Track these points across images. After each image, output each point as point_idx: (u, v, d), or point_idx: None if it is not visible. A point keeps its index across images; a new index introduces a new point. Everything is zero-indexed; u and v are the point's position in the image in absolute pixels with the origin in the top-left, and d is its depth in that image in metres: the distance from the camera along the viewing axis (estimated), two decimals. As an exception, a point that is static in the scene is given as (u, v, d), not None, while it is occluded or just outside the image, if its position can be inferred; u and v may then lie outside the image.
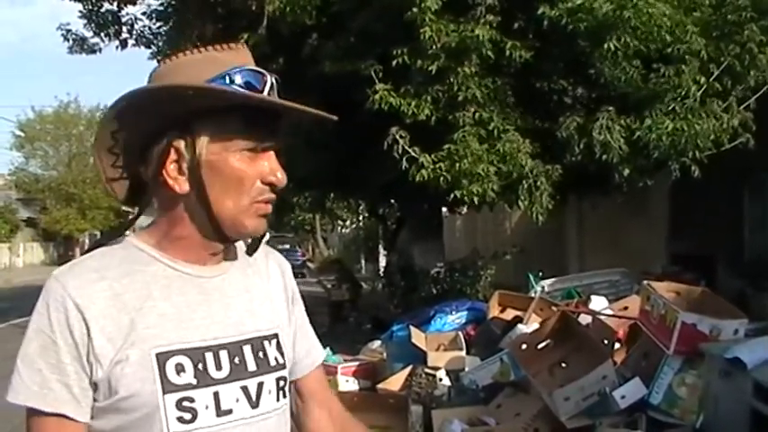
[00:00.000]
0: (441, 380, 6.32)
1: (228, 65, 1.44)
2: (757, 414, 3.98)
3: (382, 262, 21.00)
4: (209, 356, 1.45)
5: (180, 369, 1.41)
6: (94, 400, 1.40)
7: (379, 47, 8.30)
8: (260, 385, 1.51)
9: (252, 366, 1.51)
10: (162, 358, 1.41)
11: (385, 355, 7.50)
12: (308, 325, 1.82)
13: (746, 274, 9.72)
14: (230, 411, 1.46)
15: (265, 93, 1.45)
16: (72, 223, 46.56)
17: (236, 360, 1.49)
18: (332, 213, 25.92)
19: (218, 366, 1.46)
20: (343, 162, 10.05)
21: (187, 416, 1.41)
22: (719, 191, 10.23)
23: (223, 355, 1.47)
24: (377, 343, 8.15)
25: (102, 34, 12.60)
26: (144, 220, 1.62)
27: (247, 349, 1.52)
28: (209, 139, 1.44)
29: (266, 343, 1.56)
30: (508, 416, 5.04)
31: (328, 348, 7.58)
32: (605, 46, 7.57)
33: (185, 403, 1.41)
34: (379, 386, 6.52)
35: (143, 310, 1.43)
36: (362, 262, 27.52)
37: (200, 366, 1.44)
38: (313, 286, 17.40)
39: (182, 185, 1.46)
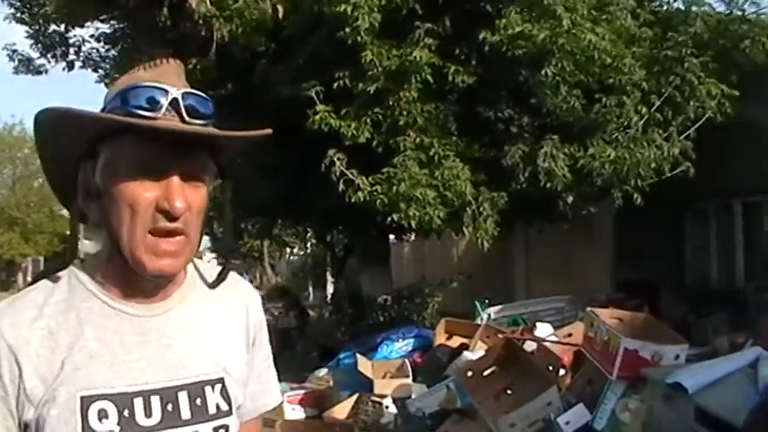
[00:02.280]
0: (387, 407, 6.32)
1: (138, 82, 1.34)
2: (698, 438, 4.04)
3: (330, 289, 20.92)
4: (137, 402, 1.34)
5: (102, 415, 1.31)
6: None
7: (327, 71, 8.32)
8: None
9: (186, 414, 1.39)
10: (86, 402, 1.31)
11: (332, 382, 7.47)
12: (269, 369, 1.66)
13: (688, 300, 9.87)
14: None
15: (162, 110, 1.30)
16: (15, 248, 45.57)
17: (170, 407, 1.37)
18: (280, 240, 25.78)
19: (148, 413, 1.35)
20: (291, 187, 10.02)
21: None
22: (662, 218, 10.40)
23: (155, 401, 1.36)
24: (324, 371, 8.13)
25: (49, 55, 12.42)
26: (92, 246, 1.53)
27: (183, 396, 1.40)
28: (105, 163, 1.34)
29: (207, 389, 1.43)
30: (454, 443, 5.04)
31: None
32: (543, 72, 7.68)
33: None
34: (326, 414, 6.49)
35: (74, 350, 1.33)
36: (310, 289, 27.36)
37: (125, 413, 1.33)
38: (260, 314, 17.16)
39: (93, 214, 1.39)
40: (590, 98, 8.12)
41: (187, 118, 1.33)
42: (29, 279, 1.53)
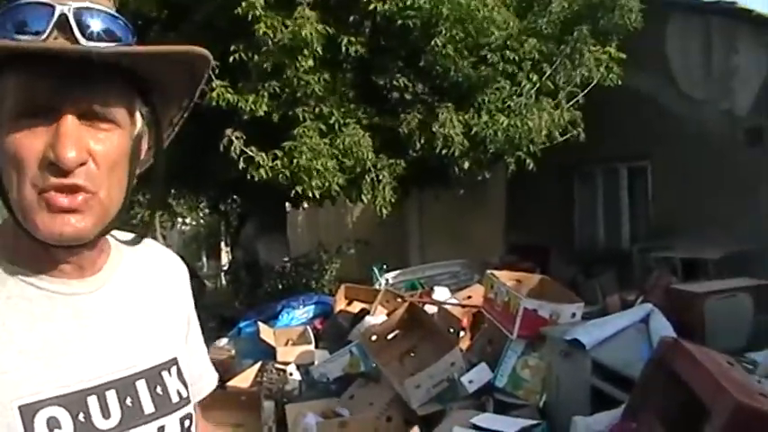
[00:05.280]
0: (291, 374, 6.36)
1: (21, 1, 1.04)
2: (596, 391, 4.24)
3: (225, 259, 20.72)
4: (92, 402, 1.09)
5: (54, 424, 1.04)
6: None
7: (221, 42, 8.19)
8: (160, 430, 1.17)
9: (149, 408, 1.15)
10: (28, 412, 1.03)
11: (233, 352, 7.44)
12: (202, 346, 1.44)
13: (577, 262, 10.23)
14: None
15: (46, 32, 1.02)
16: None
17: (129, 402, 1.13)
18: (171, 210, 25.34)
19: (106, 413, 1.10)
20: (187, 159, 9.88)
21: None
22: (552, 183, 10.71)
23: (111, 397, 1.11)
24: (224, 341, 8.07)
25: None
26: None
27: (141, 385, 1.16)
28: None
29: (165, 374, 1.20)
30: (361, 406, 5.14)
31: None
32: (432, 42, 7.80)
33: None
34: (229, 384, 6.46)
35: None
36: (204, 259, 27.03)
37: (80, 417, 1.07)
38: (153, 286, 16.90)
39: None
40: (479, 58, 8.27)
41: (81, 39, 1.03)
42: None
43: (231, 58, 7.90)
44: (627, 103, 9.26)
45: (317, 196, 8.19)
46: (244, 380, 6.42)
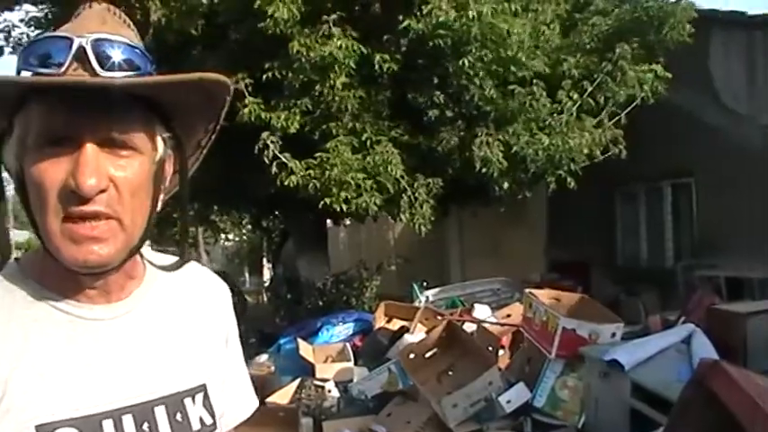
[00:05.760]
0: (330, 391, 6.36)
1: (41, 36, 1.10)
2: (635, 412, 4.18)
3: (267, 275, 20.83)
4: (107, 426, 1.11)
5: None
6: None
7: (257, 60, 8.28)
8: None
9: None
10: None
11: (273, 368, 7.47)
12: (242, 369, 1.43)
13: (619, 280, 10.14)
14: None
15: (65, 64, 1.05)
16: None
17: (145, 427, 1.15)
18: (215, 226, 25.55)
19: None
20: (225, 174, 9.97)
21: None
22: (594, 200, 10.64)
23: (127, 421, 1.13)
24: (264, 356, 8.11)
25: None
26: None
27: (160, 411, 1.17)
28: (17, 140, 1.10)
29: (188, 401, 1.21)
30: (398, 424, 5.12)
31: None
32: (461, 62, 7.80)
33: None
34: (268, 400, 6.48)
35: (20, 369, 1.07)
36: (246, 275, 27.22)
37: None
38: (196, 301, 17.09)
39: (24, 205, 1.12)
40: (506, 86, 8.24)
41: (99, 69, 1.06)
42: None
43: (264, 77, 7.98)
44: (669, 119, 9.19)
45: (344, 210, 8.20)
46: (283, 396, 6.44)
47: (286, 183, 7.91)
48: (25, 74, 1.07)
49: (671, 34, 8.33)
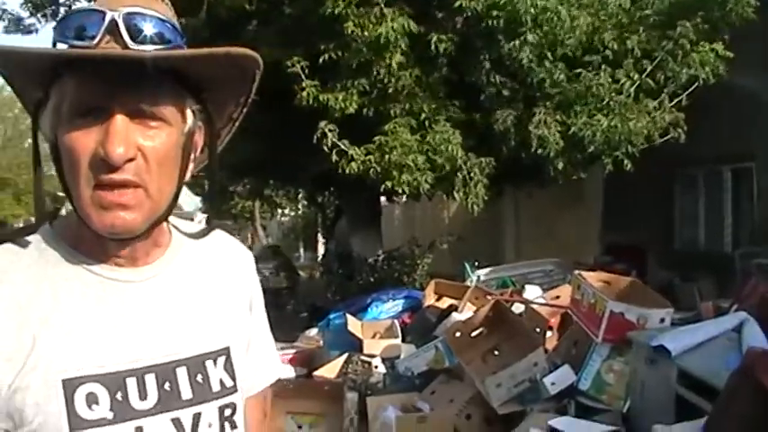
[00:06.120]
0: (376, 367, 6.39)
1: (76, 9, 1.14)
2: (681, 399, 4.11)
3: (321, 250, 21.00)
4: (131, 383, 1.16)
5: (92, 400, 1.13)
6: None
7: (312, 40, 8.29)
8: (196, 416, 1.22)
9: (187, 394, 1.21)
10: (70, 386, 1.12)
11: (322, 342, 7.53)
12: (267, 335, 1.47)
13: (675, 265, 9.97)
14: None
15: (97, 37, 1.10)
16: (6, 209, 45.39)
17: (167, 386, 1.20)
18: (271, 201, 25.79)
19: (143, 395, 1.17)
20: (280, 150, 10.02)
21: None
22: (652, 184, 10.47)
23: (149, 380, 1.18)
24: (314, 331, 8.19)
25: (39, 15, 12.29)
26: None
27: (182, 372, 1.22)
28: (52, 110, 1.15)
29: (209, 363, 1.25)
30: (442, 402, 5.12)
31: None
32: (514, 43, 7.68)
33: None
34: (316, 373, 6.55)
35: (49, 324, 1.13)
36: (301, 250, 27.49)
37: (118, 396, 1.15)
38: (251, 274, 17.36)
39: (58, 171, 1.18)
40: (572, 68, 8.11)
41: (131, 43, 1.10)
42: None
43: (321, 59, 7.98)
44: (731, 101, 8.96)
45: (405, 192, 8.20)
46: (330, 370, 6.50)
47: (347, 170, 7.94)
48: (61, 46, 1.12)
49: (735, 10, 8.07)
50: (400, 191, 8.10)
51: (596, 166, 9.16)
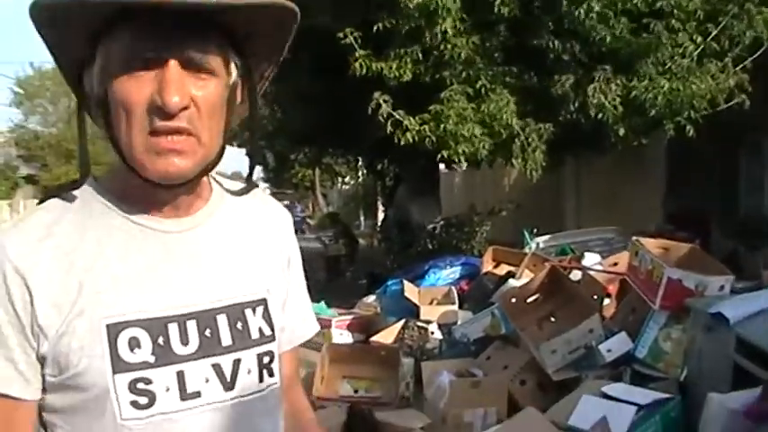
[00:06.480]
0: (433, 333, 6.43)
1: None
2: (739, 368, 4.05)
3: (381, 218, 21.08)
4: (172, 328, 1.21)
5: (134, 344, 1.17)
6: (44, 375, 1.19)
7: (364, 6, 8.25)
8: (236, 363, 1.26)
9: (227, 340, 1.25)
10: (113, 330, 1.17)
11: (379, 309, 7.59)
12: (303, 293, 1.52)
13: (740, 234, 9.77)
14: (198, 394, 1.22)
15: None
16: (72, 179, 46.46)
17: (208, 332, 1.24)
18: (331, 169, 25.93)
19: (185, 340, 1.21)
20: (337, 118, 10.04)
21: (143, 400, 1.17)
22: (715, 151, 10.25)
23: (191, 326, 1.22)
24: (372, 297, 8.26)
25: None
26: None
27: (222, 319, 1.26)
28: (101, 65, 1.17)
29: (248, 311, 1.30)
30: (496, 368, 5.13)
31: (323, 303, 7.68)
32: (583, 8, 7.56)
33: (140, 385, 1.17)
34: (372, 339, 6.62)
35: (94, 272, 1.18)
36: (361, 218, 27.60)
37: (160, 341, 1.19)
38: (312, 242, 17.54)
39: (100, 125, 1.23)
40: (639, 23, 7.95)
41: None
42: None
43: (375, 28, 7.95)
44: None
45: (463, 161, 8.16)
46: (387, 336, 6.56)
47: (402, 141, 7.94)
48: None
49: None
50: (457, 160, 8.05)
51: (659, 131, 8.99)
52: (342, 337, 7.06)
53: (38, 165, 48.71)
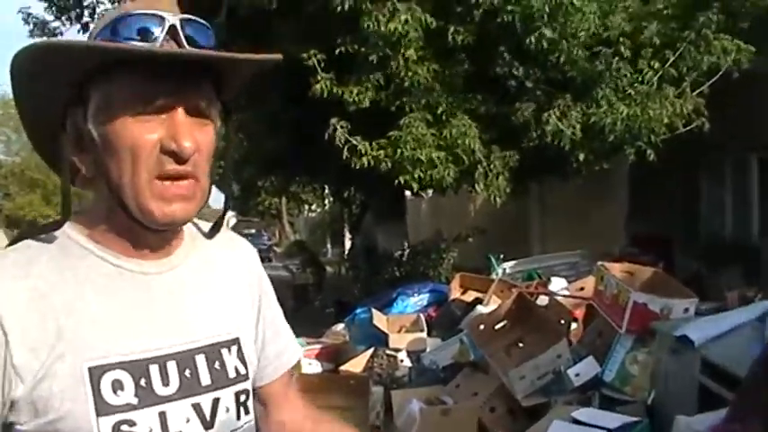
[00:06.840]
0: (402, 361, 6.43)
1: (130, 11, 1.18)
2: (705, 389, 4.10)
3: (348, 245, 21.06)
4: (153, 370, 1.21)
5: (117, 386, 1.17)
6: (13, 423, 1.16)
7: (328, 35, 8.32)
8: (215, 402, 1.28)
9: (206, 380, 1.27)
10: (96, 373, 1.16)
11: (348, 337, 7.58)
12: (282, 321, 1.57)
13: (702, 256, 9.91)
14: None
15: (160, 39, 1.16)
16: (36, 209, 45.88)
17: (187, 373, 1.25)
18: (297, 197, 25.90)
19: (166, 381, 1.22)
20: (302, 143, 10.08)
21: None
22: (677, 174, 10.41)
23: (171, 367, 1.24)
24: (340, 326, 8.23)
25: (63, 18, 12.39)
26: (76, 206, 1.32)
27: (201, 359, 1.28)
28: (99, 106, 1.18)
29: (224, 351, 1.32)
30: (466, 395, 5.15)
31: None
32: (528, 39, 7.70)
33: (124, 427, 1.17)
34: (342, 368, 6.59)
35: (74, 314, 1.17)
36: (329, 246, 27.56)
37: (142, 382, 1.20)
38: (279, 270, 17.47)
39: (87, 167, 1.23)
40: (590, 50, 8.09)
41: (186, 45, 1.18)
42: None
43: (337, 51, 8.01)
44: (756, 89, 8.86)
45: (420, 186, 8.21)
46: (356, 365, 6.54)
47: (357, 165, 7.97)
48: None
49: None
50: (415, 186, 8.10)
51: (619, 156, 9.12)
52: (311, 366, 7.02)
53: (0, 194, 48.12)
